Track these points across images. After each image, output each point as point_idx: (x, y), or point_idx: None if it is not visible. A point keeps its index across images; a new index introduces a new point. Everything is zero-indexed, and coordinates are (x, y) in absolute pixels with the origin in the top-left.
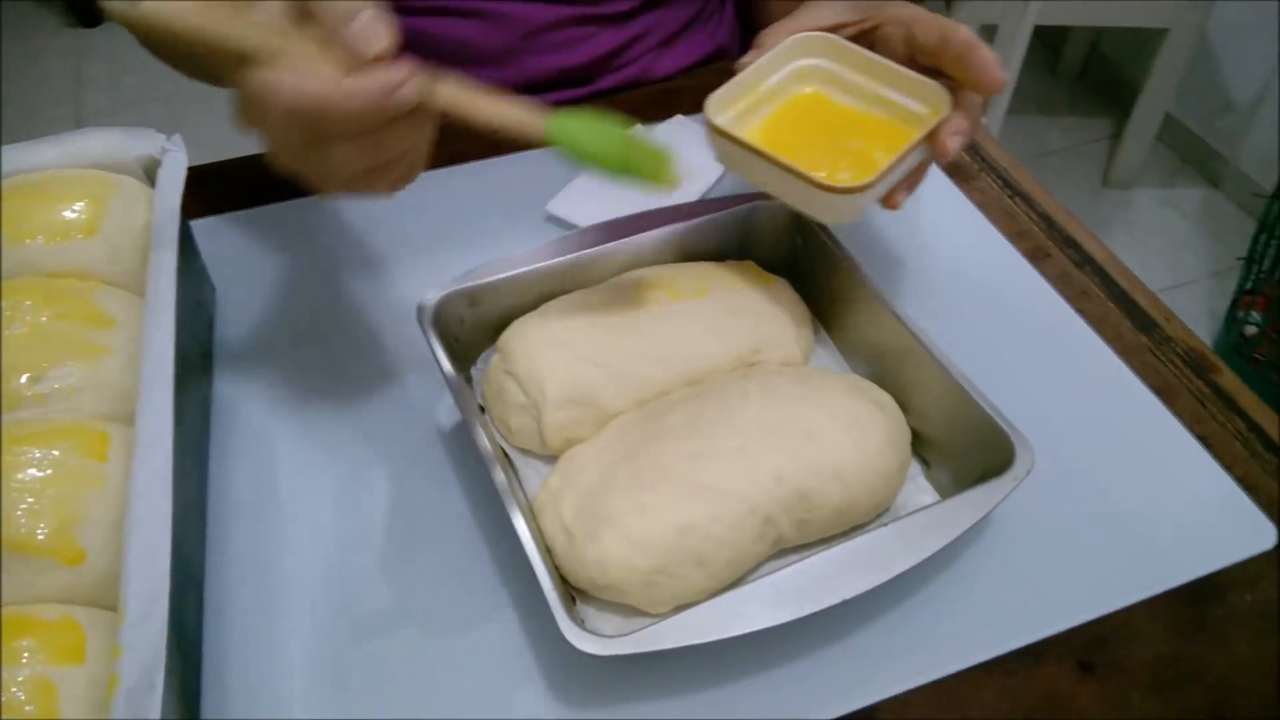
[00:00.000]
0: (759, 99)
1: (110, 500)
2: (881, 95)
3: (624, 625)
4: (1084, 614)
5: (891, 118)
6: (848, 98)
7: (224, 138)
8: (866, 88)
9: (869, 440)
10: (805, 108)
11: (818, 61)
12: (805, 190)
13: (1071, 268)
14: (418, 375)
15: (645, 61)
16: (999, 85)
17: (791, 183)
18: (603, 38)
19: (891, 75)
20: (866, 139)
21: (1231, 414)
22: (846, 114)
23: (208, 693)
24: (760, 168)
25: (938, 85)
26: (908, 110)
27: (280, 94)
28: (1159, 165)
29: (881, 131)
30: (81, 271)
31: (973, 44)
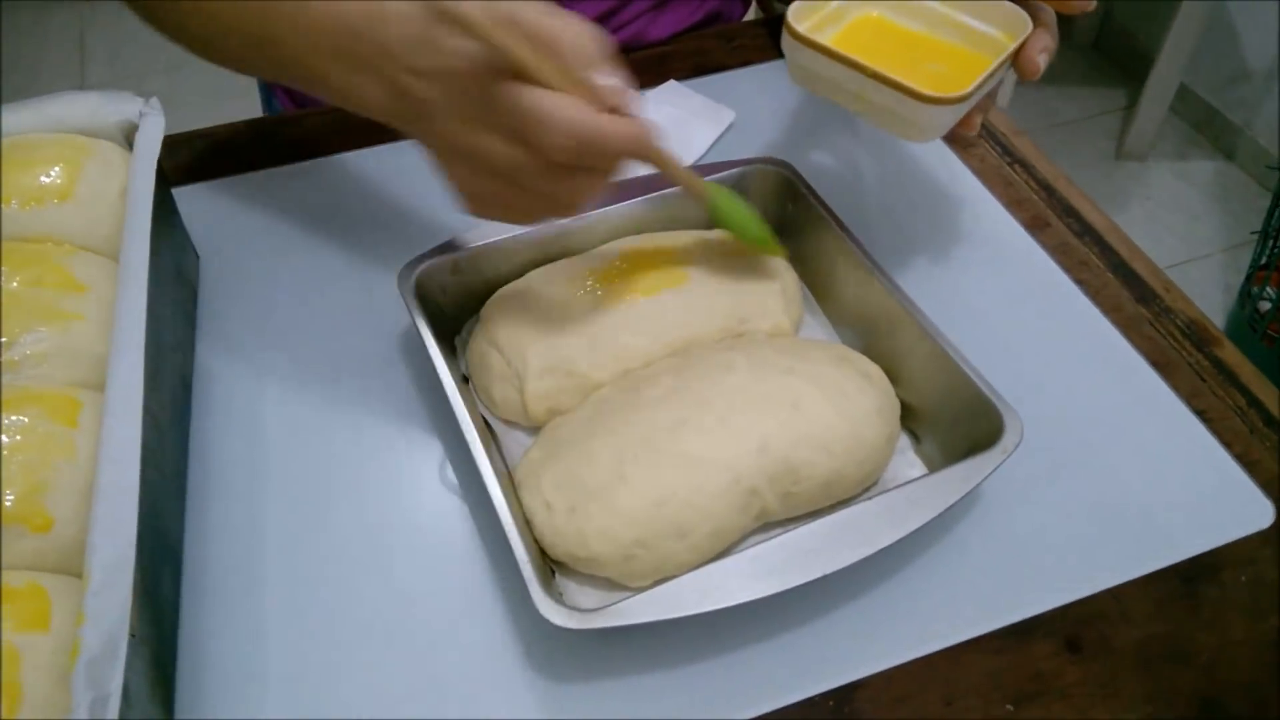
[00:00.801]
0: (824, 19)
1: (80, 467)
2: (951, 19)
3: (605, 599)
4: (1073, 591)
5: (962, 41)
6: (913, 21)
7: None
8: (935, 11)
9: (856, 411)
10: (870, 29)
11: None
12: (897, 102)
13: (1071, 237)
14: (404, 344)
15: (639, 25)
16: (1089, 3)
17: (882, 95)
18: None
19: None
20: (939, 62)
21: (1231, 388)
22: (912, 37)
23: (183, 663)
24: (844, 80)
25: (1015, 7)
26: (978, 34)
27: (570, 117)
28: (1173, 136)
29: (952, 54)
30: (56, 236)
31: None
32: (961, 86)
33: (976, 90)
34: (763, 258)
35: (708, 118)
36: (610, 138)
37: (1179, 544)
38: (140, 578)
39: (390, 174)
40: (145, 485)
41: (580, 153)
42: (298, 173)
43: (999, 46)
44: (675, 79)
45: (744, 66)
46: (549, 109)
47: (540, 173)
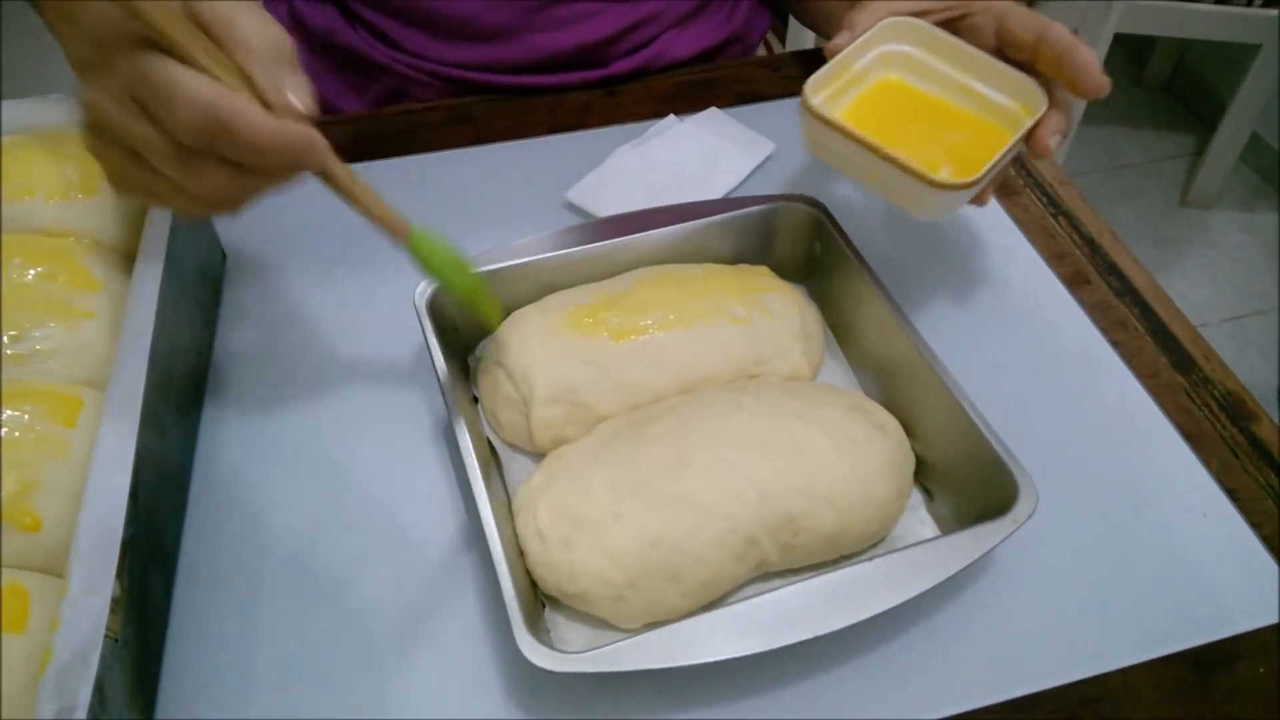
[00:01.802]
0: (846, 83)
1: (72, 469)
2: (968, 87)
3: (593, 636)
4: (1080, 670)
5: (979, 111)
6: (932, 87)
7: None
8: (952, 78)
9: (866, 464)
10: (889, 95)
11: (904, 48)
12: (906, 184)
13: (1111, 296)
14: (419, 358)
15: (660, 44)
16: (1102, 88)
17: (892, 175)
18: (612, 15)
19: (983, 67)
20: (955, 131)
21: (1265, 467)
22: (931, 104)
23: (169, 668)
24: (856, 157)
25: (1033, 82)
26: (996, 105)
27: (198, 93)
28: (1240, 186)
29: (969, 125)
30: (77, 232)
31: (1073, 44)
32: (976, 159)
33: (986, 175)
34: (783, 298)
35: (746, 147)
36: (247, 126)
37: (1195, 628)
38: (129, 581)
39: (419, 185)
40: (142, 488)
41: (209, 135)
42: None
43: (1014, 119)
44: (718, 106)
45: (788, 97)
46: (179, 81)
47: (168, 155)
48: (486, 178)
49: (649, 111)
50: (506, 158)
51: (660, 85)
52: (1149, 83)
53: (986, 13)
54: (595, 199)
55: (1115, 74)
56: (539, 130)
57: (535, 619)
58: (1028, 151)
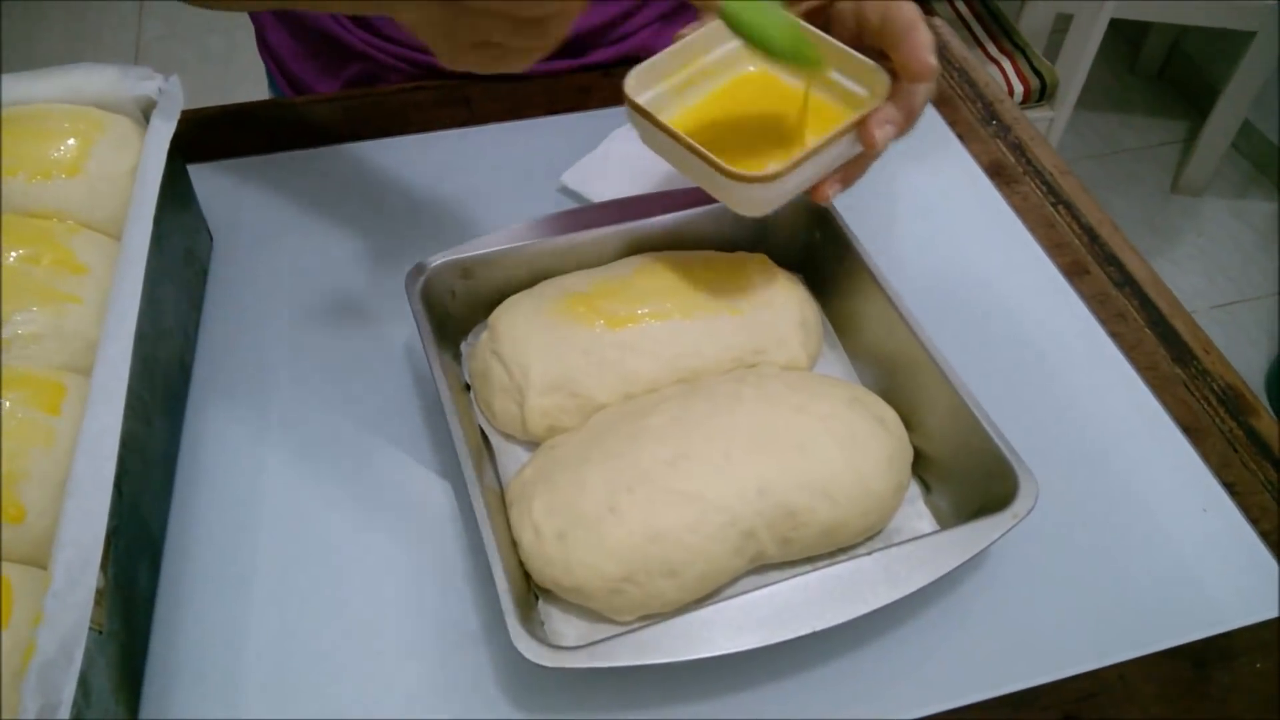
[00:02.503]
0: (698, 74)
1: (57, 457)
2: (828, 78)
3: (587, 629)
4: (1077, 665)
5: (837, 102)
6: (795, 79)
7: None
8: None
9: (865, 458)
10: (751, 87)
11: None
12: (714, 176)
13: (1111, 287)
14: (410, 343)
15: (644, 36)
16: (927, 72)
17: (704, 169)
18: (596, 8)
19: (836, 55)
20: (810, 123)
21: (1264, 462)
22: (792, 96)
23: (154, 659)
24: (672, 150)
25: (877, 67)
26: (852, 94)
27: None
28: (1232, 174)
29: (826, 116)
30: (61, 213)
31: (910, 24)
32: None
33: (791, 169)
34: (781, 287)
35: None
36: None
37: (1193, 624)
38: (114, 572)
39: (412, 167)
40: (127, 476)
41: None
42: (320, 157)
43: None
44: None
45: None
46: None
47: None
48: (480, 160)
49: None
50: (500, 140)
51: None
52: (1142, 69)
53: None
54: (591, 183)
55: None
56: (535, 112)
57: (529, 612)
58: None
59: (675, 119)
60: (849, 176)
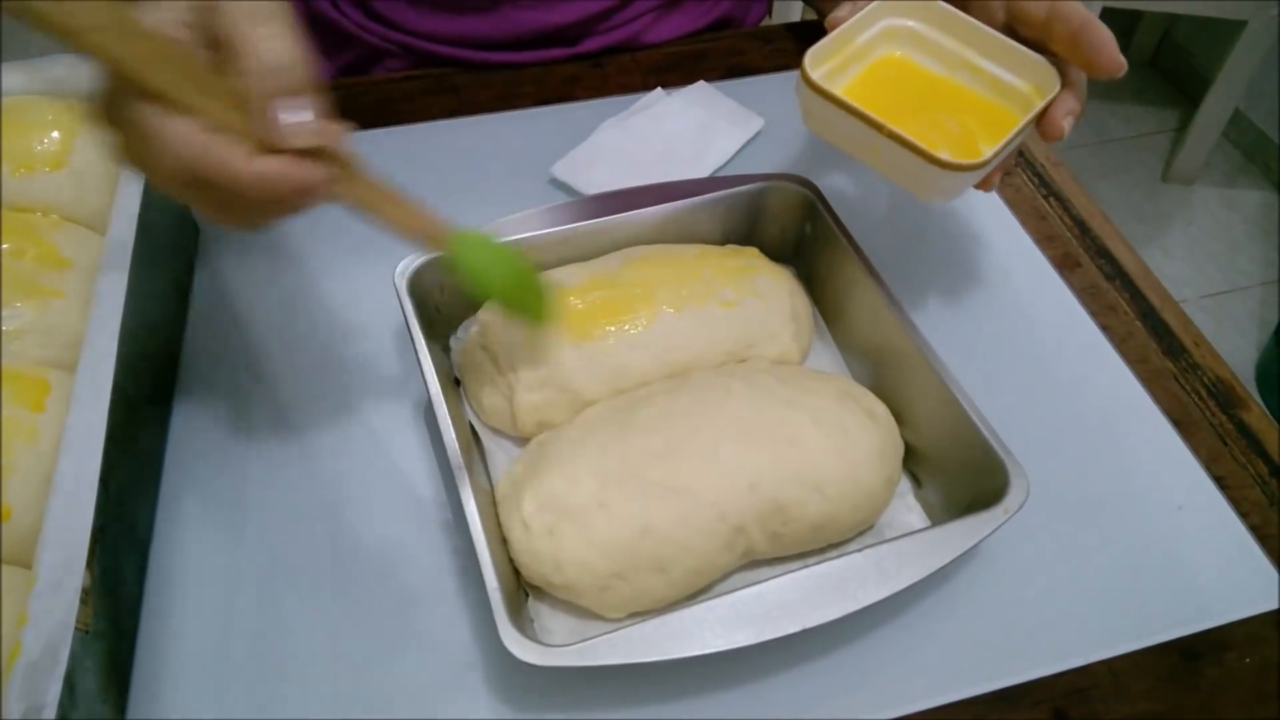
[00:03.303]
0: (847, 58)
1: (41, 454)
2: (976, 65)
3: (578, 626)
4: (1067, 660)
5: (987, 91)
6: (938, 65)
7: None
8: (960, 56)
9: (856, 452)
10: (892, 72)
11: (909, 23)
12: (911, 164)
13: (1101, 280)
14: (399, 336)
15: (638, 25)
16: (1119, 67)
17: (896, 154)
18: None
19: (992, 45)
20: (961, 112)
21: (1254, 455)
22: (936, 82)
23: (141, 658)
24: (859, 134)
25: (1045, 61)
26: (1005, 85)
27: (179, 149)
28: (1223, 163)
29: (975, 105)
30: (45, 206)
31: (1088, 20)
32: (983, 142)
33: (995, 157)
34: (772, 280)
35: (735, 123)
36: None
37: (1183, 618)
38: (100, 570)
39: (400, 158)
40: (113, 473)
41: (195, 185)
42: None
43: (1024, 100)
44: (706, 80)
45: (779, 71)
46: (160, 134)
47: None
48: (469, 151)
49: (636, 84)
50: (489, 130)
51: (648, 58)
52: (1134, 58)
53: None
54: (581, 175)
55: None
56: (524, 102)
57: (519, 609)
58: (1038, 133)
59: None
60: (1007, 166)
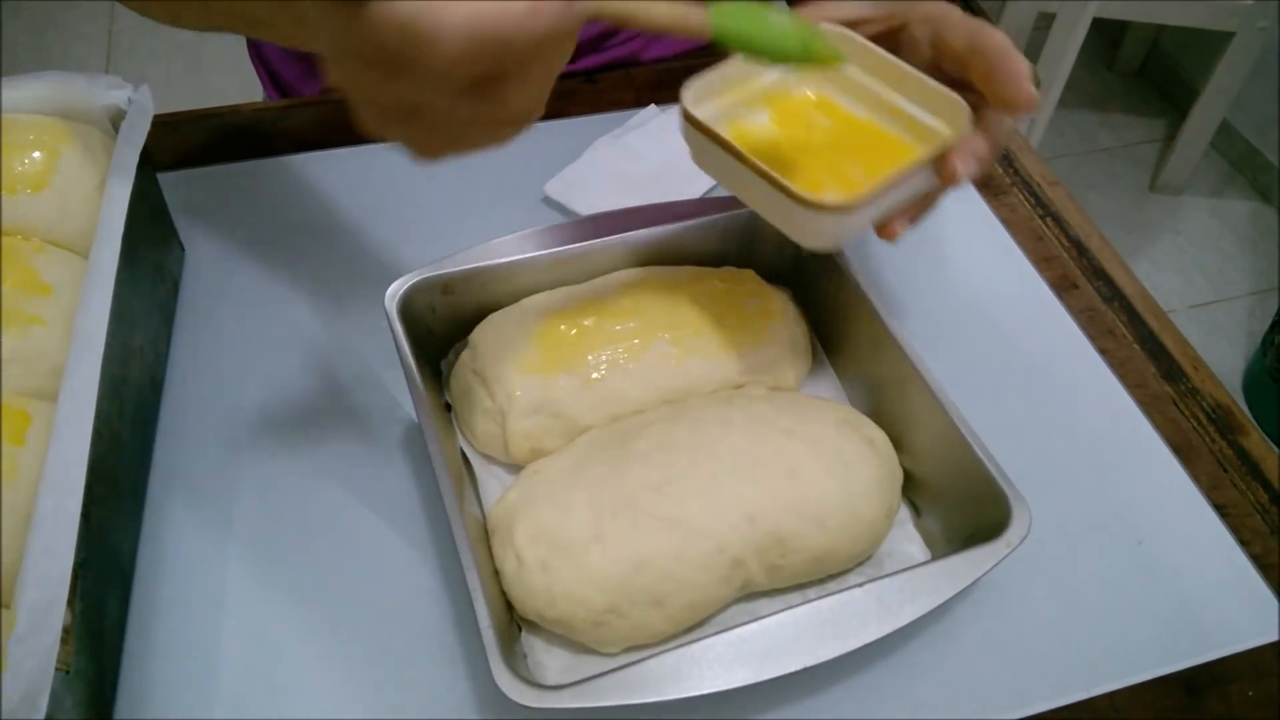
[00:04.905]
0: (753, 95)
1: (21, 491)
2: (896, 106)
3: (572, 660)
4: (1067, 694)
5: (904, 134)
6: (856, 105)
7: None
8: (880, 95)
9: (856, 483)
10: (806, 111)
11: None
12: (784, 204)
13: (1099, 302)
14: (388, 360)
15: (636, 44)
16: (1030, 103)
17: (769, 193)
18: None
19: (909, 83)
20: (871, 156)
21: (1254, 482)
22: (852, 124)
23: (124, 696)
24: (735, 171)
25: (957, 99)
26: (924, 127)
27: (456, 23)
28: (1210, 173)
29: (890, 149)
30: (25, 229)
31: (1004, 51)
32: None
33: (870, 201)
34: (769, 305)
35: None
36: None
37: (1185, 650)
38: (81, 607)
39: (391, 175)
40: (94, 506)
41: (498, 60)
42: (296, 165)
43: (941, 142)
44: None
45: None
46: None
47: (449, 101)
48: (460, 169)
49: (630, 101)
50: None
51: (642, 74)
52: (1122, 68)
53: (924, 22)
54: (574, 193)
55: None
56: None
57: (511, 645)
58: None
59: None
60: (917, 213)
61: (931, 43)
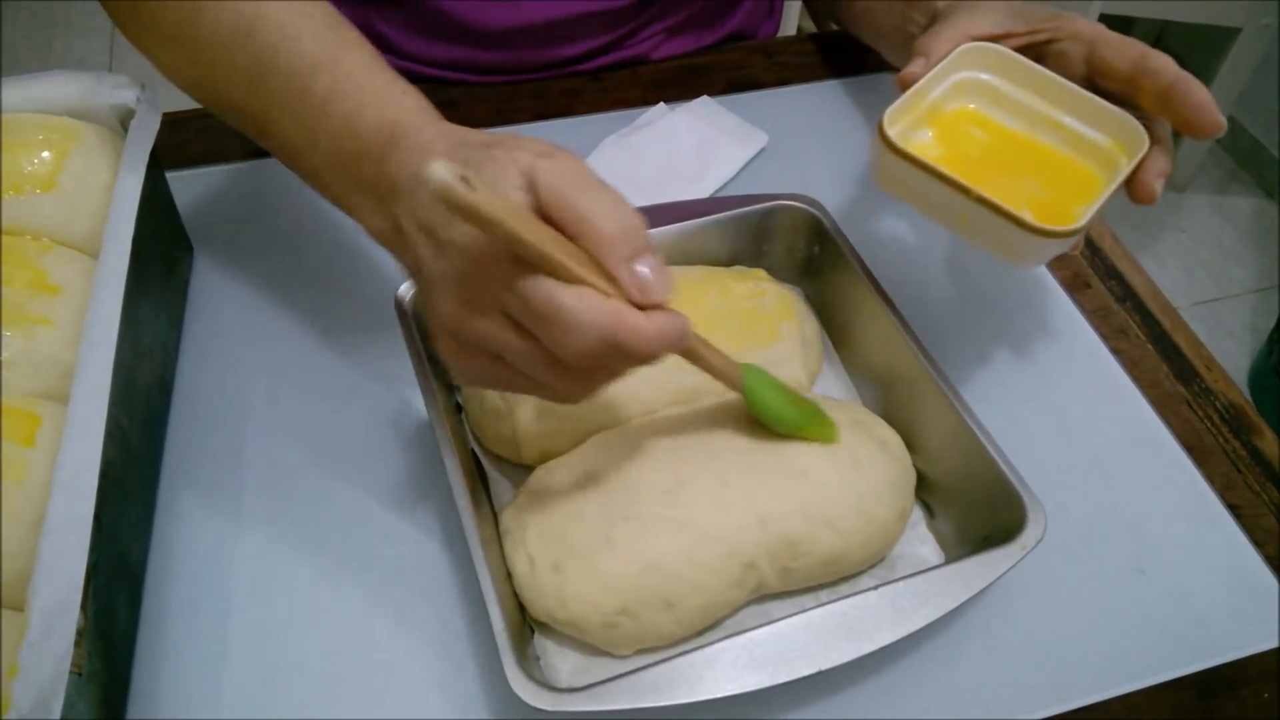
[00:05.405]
0: (921, 116)
1: (31, 494)
2: (1056, 121)
3: (583, 662)
4: (1079, 696)
5: (1067, 148)
6: (1015, 120)
7: None
8: (1038, 111)
9: (868, 485)
10: (965, 127)
11: (984, 76)
12: (1003, 229)
13: (1112, 302)
14: (398, 362)
15: (646, 47)
16: (1218, 127)
17: (983, 218)
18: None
19: (1071, 99)
20: (1041, 170)
21: (1268, 483)
22: (1014, 139)
23: (135, 698)
24: (942, 197)
25: (1129, 117)
26: (1086, 141)
27: (594, 318)
28: (1215, 170)
29: (1056, 163)
30: (33, 230)
31: (1181, 77)
32: (1066, 201)
33: (1090, 222)
34: (780, 304)
35: (739, 139)
36: (643, 341)
37: (1198, 652)
38: (93, 609)
39: None
40: (105, 505)
41: (603, 357)
42: None
43: (1105, 157)
44: (709, 94)
45: (782, 86)
46: (572, 309)
47: (550, 368)
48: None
49: (637, 99)
50: None
51: (649, 72)
52: None
53: (1076, 38)
54: None
55: None
56: (523, 117)
57: (524, 648)
58: (1128, 195)
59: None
60: None
61: (1086, 60)
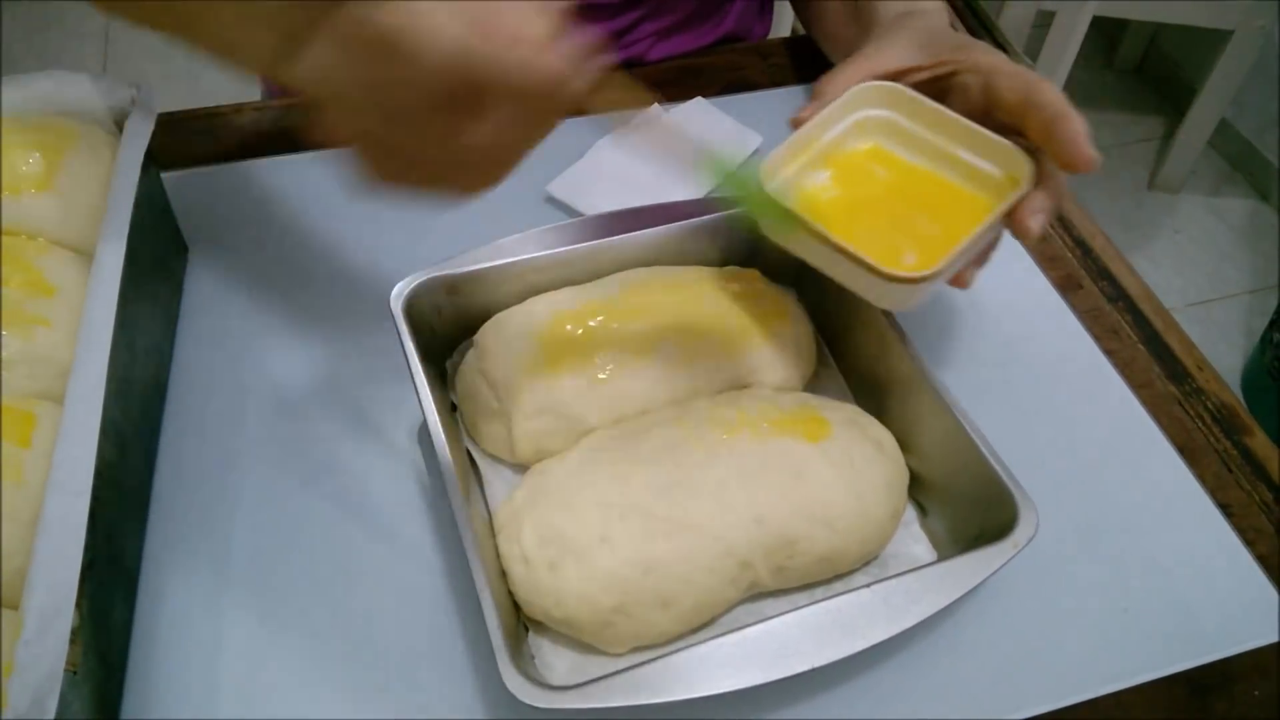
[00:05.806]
0: (815, 157)
1: (28, 493)
2: (952, 154)
3: (578, 660)
4: (1073, 694)
5: (963, 181)
6: (913, 155)
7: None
8: (935, 145)
9: (863, 484)
10: (864, 165)
11: (884, 113)
12: (861, 275)
13: (1104, 302)
14: (393, 362)
15: (640, 48)
16: (1090, 165)
17: (845, 264)
18: (597, 25)
19: (965, 133)
20: (933, 206)
21: (1259, 482)
22: (911, 174)
23: (130, 697)
24: (812, 245)
25: (1019, 150)
26: (981, 174)
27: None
28: (1208, 171)
29: (950, 197)
30: (29, 230)
31: (1061, 111)
32: (953, 240)
33: (948, 266)
34: (775, 305)
35: (733, 140)
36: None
37: (1190, 650)
38: (88, 608)
39: None
40: (101, 507)
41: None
42: (299, 164)
43: (999, 189)
44: (704, 96)
45: (776, 87)
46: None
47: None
48: None
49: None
50: None
51: (645, 73)
52: (1120, 65)
53: (974, 71)
54: (577, 193)
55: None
56: None
57: (519, 646)
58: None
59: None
60: (983, 259)
61: (983, 91)
